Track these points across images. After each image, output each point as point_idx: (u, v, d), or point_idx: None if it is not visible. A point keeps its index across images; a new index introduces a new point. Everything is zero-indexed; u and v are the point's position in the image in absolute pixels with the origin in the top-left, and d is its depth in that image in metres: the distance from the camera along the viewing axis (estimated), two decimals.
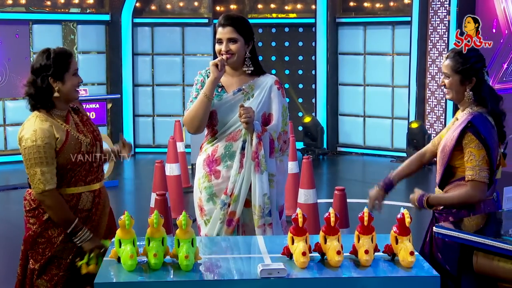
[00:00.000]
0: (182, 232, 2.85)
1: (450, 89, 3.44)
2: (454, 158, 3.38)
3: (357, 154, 11.42)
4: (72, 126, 3.45)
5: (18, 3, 10.76)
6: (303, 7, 11.66)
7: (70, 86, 3.41)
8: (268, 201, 3.60)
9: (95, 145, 3.51)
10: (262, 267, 2.76)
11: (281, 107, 3.70)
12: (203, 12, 11.64)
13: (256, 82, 3.72)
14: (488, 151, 3.30)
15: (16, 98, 10.74)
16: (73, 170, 3.41)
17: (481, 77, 3.39)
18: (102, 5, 11.45)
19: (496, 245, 2.90)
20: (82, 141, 3.44)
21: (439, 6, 10.20)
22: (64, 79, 3.38)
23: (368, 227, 2.91)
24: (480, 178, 3.29)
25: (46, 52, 3.39)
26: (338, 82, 11.56)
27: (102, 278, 2.80)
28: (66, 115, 3.47)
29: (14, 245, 6.63)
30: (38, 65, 3.37)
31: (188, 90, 11.69)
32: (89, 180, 3.46)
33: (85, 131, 3.49)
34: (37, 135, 3.31)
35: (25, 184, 3.52)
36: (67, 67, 3.39)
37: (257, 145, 3.59)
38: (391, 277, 2.81)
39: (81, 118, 3.55)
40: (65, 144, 3.37)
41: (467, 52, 3.44)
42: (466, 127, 3.31)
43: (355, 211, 3.27)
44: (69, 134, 3.40)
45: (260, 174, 3.59)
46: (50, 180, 3.31)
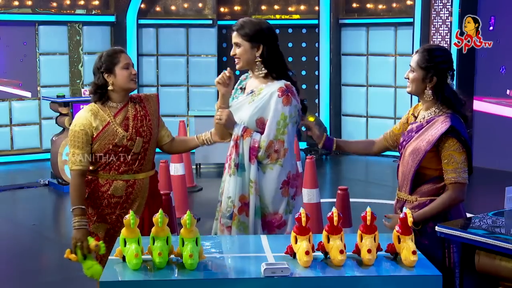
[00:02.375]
0: (187, 231, 2.87)
1: (411, 83, 3.41)
2: (424, 160, 3.31)
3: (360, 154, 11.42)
4: (118, 119, 3.74)
5: (24, 5, 10.80)
6: (306, 8, 11.68)
7: (122, 78, 3.72)
8: (231, 204, 3.59)
9: (134, 140, 3.73)
10: (266, 266, 2.77)
11: (278, 115, 3.55)
12: (207, 13, 11.67)
13: (267, 86, 3.65)
14: (469, 153, 3.30)
15: (22, 99, 10.79)
16: (106, 158, 3.73)
17: (444, 78, 3.34)
18: (108, 6, 11.49)
19: (498, 245, 2.91)
20: (119, 134, 3.70)
21: (441, 7, 10.20)
22: (115, 72, 3.71)
23: (371, 227, 2.92)
24: (462, 179, 3.27)
25: (100, 54, 3.80)
26: (341, 82, 11.58)
27: (108, 276, 2.82)
28: (121, 107, 3.78)
29: (20, 244, 6.69)
30: (94, 66, 3.77)
31: (192, 91, 11.73)
32: (123, 171, 3.74)
33: (130, 126, 3.74)
34: (76, 121, 3.74)
35: (31, 183, 3.70)
36: (117, 62, 3.72)
37: (231, 148, 3.61)
38: (393, 276, 2.83)
39: (137, 112, 3.79)
40: (100, 133, 3.70)
41: (435, 50, 3.38)
42: (447, 132, 3.26)
43: (358, 211, 3.29)
44: (108, 125, 3.71)
45: (229, 176, 3.62)
46: (78, 162, 3.68)
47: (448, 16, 10.11)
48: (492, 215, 3.43)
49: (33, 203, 8.30)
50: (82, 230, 3.63)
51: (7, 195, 8.64)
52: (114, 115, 3.75)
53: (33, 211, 7.96)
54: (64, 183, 8.67)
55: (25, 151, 10.82)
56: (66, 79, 11.13)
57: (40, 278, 5.70)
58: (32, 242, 6.72)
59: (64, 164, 8.65)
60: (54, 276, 5.78)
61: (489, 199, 6.25)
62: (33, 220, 7.49)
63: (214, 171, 9.80)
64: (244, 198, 3.58)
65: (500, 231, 3.22)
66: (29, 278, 5.66)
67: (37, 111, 10.92)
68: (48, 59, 10.99)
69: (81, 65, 11.23)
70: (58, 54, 11.08)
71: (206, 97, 11.55)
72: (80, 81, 11.22)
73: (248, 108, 3.62)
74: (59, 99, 8.88)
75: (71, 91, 11.04)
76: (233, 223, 3.58)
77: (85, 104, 8.71)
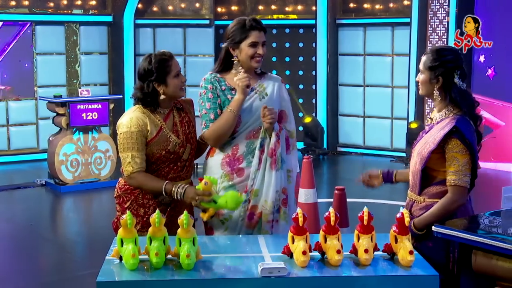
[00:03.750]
0: (184, 231, 2.87)
1: (421, 85, 3.39)
2: (431, 161, 3.28)
3: (357, 154, 11.45)
4: (168, 124, 3.64)
5: (21, 5, 10.79)
6: (303, 8, 11.68)
7: (173, 87, 3.59)
8: (279, 198, 3.65)
9: (185, 147, 3.65)
10: (263, 266, 2.78)
11: (290, 104, 3.84)
12: (204, 13, 11.68)
13: (264, 81, 3.78)
14: (473, 156, 3.23)
15: (19, 99, 10.78)
16: (156, 164, 3.60)
17: (450, 79, 3.29)
18: (105, 6, 11.48)
19: (495, 244, 2.92)
20: (172, 140, 3.61)
21: (439, 7, 10.22)
22: (167, 82, 3.57)
23: (368, 227, 2.93)
24: (462, 183, 3.22)
25: (148, 58, 3.59)
26: (338, 82, 11.59)
27: (104, 276, 2.82)
28: (168, 113, 3.67)
29: (18, 244, 6.68)
30: (142, 71, 3.59)
31: (190, 91, 11.68)
32: (171, 177, 3.62)
33: (179, 132, 3.66)
34: (132, 122, 3.56)
35: (28, 184, 3.61)
36: (169, 70, 3.57)
37: (275, 143, 3.65)
38: (390, 276, 2.83)
39: (182, 118, 3.71)
40: (154, 139, 3.57)
41: (442, 50, 3.34)
42: (451, 132, 3.22)
43: (355, 211, 3.29)
44: (161, 131, 3.59)
45: (276, 171, 3.64)
46: (139, 164, 3.54)
47: (445, 16, 10.13)
48: (489, 215, 3.43)
49: (30, 203, 8.29)
50: (187, 190, 3.46)
51: (4, 195, 8.62)
52: (164, 120, 3.63)
53: (30, 211, 7.94)
54: (61, 183, 8.67)
55: (22, 151, 10.81)
56: (63, 79, 11.13)
57: (37, 278, 5.69)
58: (29, 242, 6.71)
59: (61, 164, 8.64)
60: (51, 276, 5.77)
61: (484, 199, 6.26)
62: (30, 220, 7.48)
63: None
64: (285, 190, 3.71)
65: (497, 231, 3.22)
66: (26, 278, 5.65)
67: (34, 111, 10.91)
68: (45, 59, 10.98)
69: (78, 65, 11.23)
70: (55, 54, 11.07)
71: None
72: (77, 81, 11.21)
73: (267, 103, 3.70)
74: (56, 99, 8.87)
75: (68, 91, 11.03)
76: (280, 216, 3.66)
77: (82, 104, 8.75)
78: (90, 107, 8.81)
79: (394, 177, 3.71)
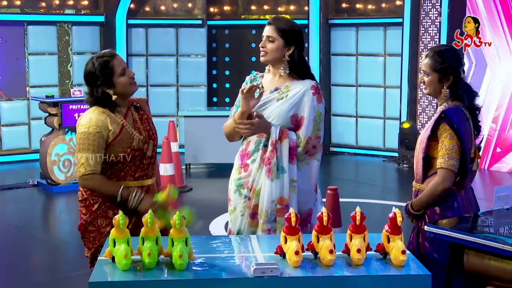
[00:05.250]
0: (176, 232, 2.87)
1: (429, 86, 3.56)
2: (431, 149, 3.48)
3: (350, 154, 11.46)
4: (129, 122, 3.59)
5: (13, 4, 10.76)
6: (296, 8, 11.69)
7: (122, 86, 3.55)
8: (275, 207, 3.60)
9: (148, 143, 3.62)
10: (256, 266, 2.77)
11: (314, 112, 3.66)
12: (197, 13, 11.66)
13: (293, 84, 3.70)
14: (461, 141, 3.40)
15: (11, 99, 10.74)
16: (122, 164, 3.55)
17: (458, 75, 3.51)
18: (97, 6, 11.46)
19: (488, 244, 2.93)
20: (135, 137, 3.56)
21: (431, 7, 10.25)
22: (114, 83, 3.52)
23: (360, 226, 2.93)
24: (448, 165, 3.37)
25: (90, 61, 3.54)
26: (331, 82, 11.60)
27: (97, 277, 2.81)
28: (126, 111, 3.62)
29: (9, 245, 6.66)
30: (87, 76, 3.54)
31: (182, 91, 11.72)
32: (138, 176, 3.59)
33: (141, 129, 3.62)
34: (91, 123, 3.50)
35: (20, 184, 3.60)
36: (113, 71, 3.51)
37: (270, 153, 3.62)
38: (383, 276, 2.83)
39: (141, 116, 3.68)
40: (118, 137, 3.52)
41: (445, 51, 3.54)
42: (440, 118, 3.43)
43: (348, 211, 3.29)
44: (124, 129, 3.55)
45: (271, 180, 3.60)
46: (92, 165, 3.49)
47: (437, 16, 10.15)
48: (481, 214, 3.45)
49: (22, 204, 8.27)
50: (144, 200, 3.47)
51: None
52: (124, 118, 3.58)
53: (22, 212, 7.92)
54: (53, 184, 8.64)
55: (14, 152, 10.77)
56: (55, 79, 11.10)
57: (29, 278, 5.68)
58: (21, 243, 6.69)
59: (53, 165, 8.62)
60: (44, 277, 5.76)
61: None
62: (22, 220, 7.46)
63: (204, 171, 9.78)
64: (283, 200, 3.61)
65: (489, 230, 3.24)
66: (18, 278, 5.64)
67: (26, 112, 10.87)
68: (37, 59, 10.94)
69: (70, 65, 11.20)
70: (47, 54, 11.04)
71: (195, 97, 11.55)
72: (69, 81, 11.18)
73: (280, 105, 3.67)
74: (48, 99, 8.85)
75: (60, 91, 11.01)
76: (277, 226, 3.61)
77: (74, 104, 8.72)
78: (83, 107, 8.79)
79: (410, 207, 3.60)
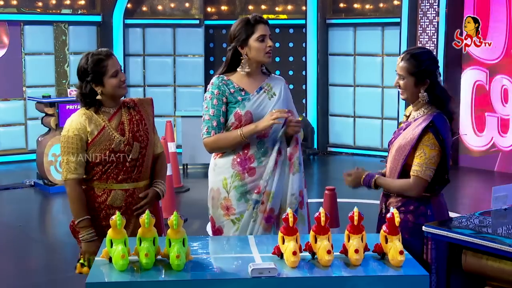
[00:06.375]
0: (174, 232, 2.86)
1: (404, 90, 3.46)
2: (409, 157, 3.39)
3: (347, 154, 11.46)
4: (113, 123, 3.56)
5: (9, 4, 10.73)
6: (293, 8, 11.69)
7: (111, 87, 3.54)
8: (295, 201, 3.67)
9: (131, 145, 3.55)
10: (253, 267, 2.77)
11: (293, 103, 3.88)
12: (194, 13, 11.66)
13: (271, 81, 3.78)
14: (444, 152, 3.35)
15: (7, 99, 10.72)
16: (103, 165, 3.53)
17: (434, 79, 3.42)
18: (94, 6, 11.45)
19: (485, 244, 2.93)
20: (115, 139, 3.52)
21: (428, 7, 10.24)
22: (103, 82, 3.53)
23: (358, 227, 2.93)
24: (425, 176, 3.32)
25: (85, 57, 3.55)
26: (329, 82, 11.59)
27: (94, 278, 2.81)
28: (115, 112, 3.60)
29: (7, 245, 6.65)
30: (79, 70, 3.55)
31: (179, 91, 11.70)
32: (121, 179, 3.55)
33: (126, 130, 3.57)
34: (71, 126, 3.53)
35: (17, 184, 3.59)
36: (105, 71, 3.51)
37: (294, 148, 3.69)
38: (381, 276, 2.84)
39: (132, 117, 3.63)
40: (95, 139, 3.50)
41: (421, 54, 3.45)
42: (427, 126, 3.33)
43: (345, 211, 3.29)
44: (103, 130, 3.52)
45: (293, 174, 3.67)
46: (73, 170, 3.50)
47: (435, 16, 10.15)
48: (479, 214, 3.45)
49: (19, 204, 8.25)
50: (94, 243, 3.46)
51: None
52: (109, 119, 3.57)
53: (18, 212, 7.91)
54: (50, 184, 8.63)
55: (11, 152, 10.74)
56: (52, 79, 11.08)
57: (26, 279, 5.66)
58: (18, 243, 6.68)
59: (50, 165, 8.60)
60: (40, 278, 5.75)
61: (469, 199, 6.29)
62: (18, 221, 7.44)
63: (201, 172, 9.78)
64: (301, 192, 3.73)
65: (487, 230, 3.24)
66: (15, 279, 5.63)
67: (23, 112, 10.85)
68: (33, 59, 10.93)
69: (67, 65, 11.18)
70: (44, 54, 11.03)
71: (193, 97, 11.53)
72: (66, 81, 11.16)
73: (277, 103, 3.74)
74: (45, 99, 8.84)
75: (57, 91, 10.99)
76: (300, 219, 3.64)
77: (71, 104, 8.71)
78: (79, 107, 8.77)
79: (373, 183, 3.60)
